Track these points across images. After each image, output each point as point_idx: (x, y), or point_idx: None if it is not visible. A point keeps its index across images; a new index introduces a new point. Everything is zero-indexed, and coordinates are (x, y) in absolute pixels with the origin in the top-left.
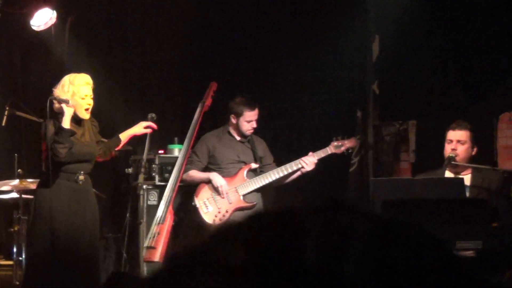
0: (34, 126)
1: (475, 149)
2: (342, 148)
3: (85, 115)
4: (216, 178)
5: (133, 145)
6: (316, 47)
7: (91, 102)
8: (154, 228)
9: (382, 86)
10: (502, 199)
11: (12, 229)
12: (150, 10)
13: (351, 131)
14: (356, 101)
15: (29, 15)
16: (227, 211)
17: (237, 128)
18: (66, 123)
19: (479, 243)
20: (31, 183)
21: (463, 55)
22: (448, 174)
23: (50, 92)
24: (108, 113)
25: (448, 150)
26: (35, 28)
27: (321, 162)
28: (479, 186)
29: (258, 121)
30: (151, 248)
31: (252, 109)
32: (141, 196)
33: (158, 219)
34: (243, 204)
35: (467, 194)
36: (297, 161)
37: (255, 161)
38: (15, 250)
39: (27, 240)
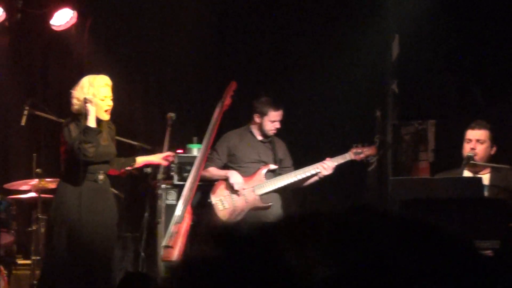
0: (53, 125)
1: (494, 149)
2: (362, 156)
3: (105, 116)
4: (234, 176)
5: (152, 145)
6: (335, 47)
7: (111, 103)
8: (172, 228)
9: (402, 85)
10: None
11: (30, 229)
12: (168, 10)
13: (370, 130)
14: (375, 100)
15: (49, 15)
16: (242, 210)
17: (260, 127)
18: (92, 122)
19: (497, 242)
20: (50, 183)
21: (483, 54)
22: (467, 173)
23: (69, 93)
24: (128, 113)
25: (467, 149)
26: (55, 28)
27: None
28: (498, 185)
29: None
30: (169, 247)
31: (277, 109)
32: (160, 196)
33: (176, 218)
34: (259, 204)
35: (486, 193)
36: (315, 165)
37: (275, 162)
38: (33, 249)
39: (46, 239)
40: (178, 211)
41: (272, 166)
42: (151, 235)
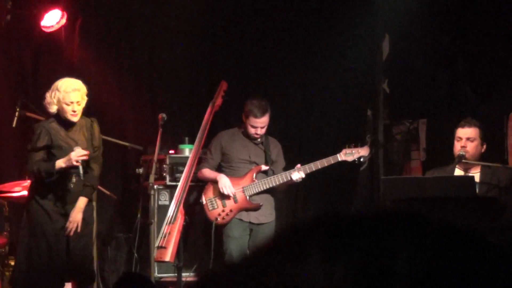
0: None
1: (484, 146)
2: (354, 156)
3: (72, 118)
4: (222, 179)
5: (144, 145)
6: (326, 47)
7: (77, 108)
8: (164, 228)
9: (392, 85)
10: (511, 196)
11: None
12: (159, 10)
13: (361, 130)
14: (366, 100)
15: (39, 16)
16: (231, 210)
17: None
18: (59, 166)
19: None
20: None
21: (473, 53)
22: (458, 171)
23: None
24: (119, 114)
25: (457, 147)
26: (45, 29)
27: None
28: (488, 183)
29: (269, 124)
30: (161, 248)
31: (258, 116)
32: (152, 196)
33: (169, 219)
34: (249, 205)
35: (477, 191)
36: (290, 171)
37: (266, 163)
38: None
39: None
40: (170, 211)
41: (264, 167)
42: (143, 235)
